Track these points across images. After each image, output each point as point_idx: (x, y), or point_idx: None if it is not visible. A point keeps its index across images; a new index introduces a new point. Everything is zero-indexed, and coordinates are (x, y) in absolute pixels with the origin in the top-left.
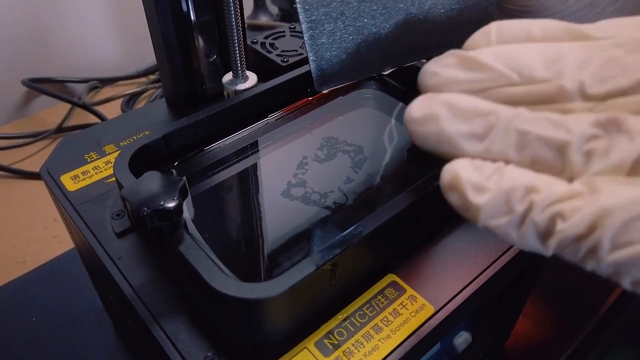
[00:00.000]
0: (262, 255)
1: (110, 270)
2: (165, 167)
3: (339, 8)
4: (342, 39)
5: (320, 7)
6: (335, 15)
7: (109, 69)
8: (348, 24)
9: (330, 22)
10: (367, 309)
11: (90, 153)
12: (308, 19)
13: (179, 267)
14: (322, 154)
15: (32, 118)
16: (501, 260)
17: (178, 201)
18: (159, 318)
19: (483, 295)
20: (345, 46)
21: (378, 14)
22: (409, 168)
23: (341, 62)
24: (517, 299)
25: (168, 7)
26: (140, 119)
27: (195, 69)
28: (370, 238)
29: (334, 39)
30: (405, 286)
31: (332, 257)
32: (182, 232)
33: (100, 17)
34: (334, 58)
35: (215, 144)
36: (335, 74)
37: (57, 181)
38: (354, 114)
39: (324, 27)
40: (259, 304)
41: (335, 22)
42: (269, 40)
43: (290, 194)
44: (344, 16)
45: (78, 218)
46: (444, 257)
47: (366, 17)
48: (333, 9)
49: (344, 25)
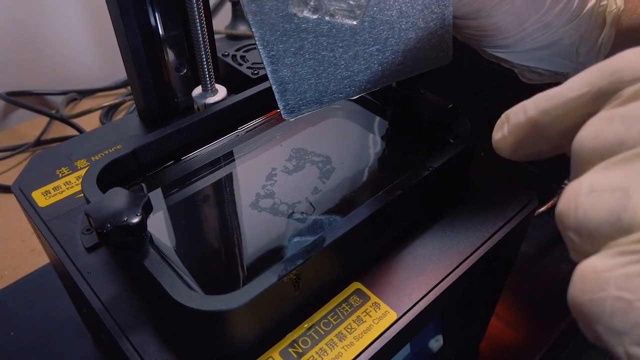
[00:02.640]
0: (230, 267)
1: (80, 285)
2: (135, 181)
3: (297, 43)
4: (303, 71)
5: (278, 43)
6: (294, 50)
7: (88, 81)
8: (308, 57)
9: (290, 56)
10: (331, 317)
11: (62, 168)
12: (268, 54)
13: (145, 281)
14: (291, 165)
15: (11, 131)
16: (464, 265)
17: (141, 217)
18: (127, 332)
19: (447, 300)
20: (307, 78)
21: (336, 46)
22: (375, 177)
23: (304, 92)
24: (486, 301)
25: (135, 22)
26: (112, 133)
27: (166, 83)
28: (332, 248)
29: (295, 72)
30: (370, 293)
31: (293, 268)
32: (147, 246)
33: (79, 29)
34: (297, 89)
35: (185, 158)
36: (301, 103)
37: (29, 197)
38: (324, 125)
39: (284, 61)
40: (221, 316)
41: (295, 56)
42: (240, 53)
43: (259, 205)
44: (303, 50)
45: (49, 233)
46: (409, 263)
47: (325, 50)
48: (291, 44)
49: (303, 59)
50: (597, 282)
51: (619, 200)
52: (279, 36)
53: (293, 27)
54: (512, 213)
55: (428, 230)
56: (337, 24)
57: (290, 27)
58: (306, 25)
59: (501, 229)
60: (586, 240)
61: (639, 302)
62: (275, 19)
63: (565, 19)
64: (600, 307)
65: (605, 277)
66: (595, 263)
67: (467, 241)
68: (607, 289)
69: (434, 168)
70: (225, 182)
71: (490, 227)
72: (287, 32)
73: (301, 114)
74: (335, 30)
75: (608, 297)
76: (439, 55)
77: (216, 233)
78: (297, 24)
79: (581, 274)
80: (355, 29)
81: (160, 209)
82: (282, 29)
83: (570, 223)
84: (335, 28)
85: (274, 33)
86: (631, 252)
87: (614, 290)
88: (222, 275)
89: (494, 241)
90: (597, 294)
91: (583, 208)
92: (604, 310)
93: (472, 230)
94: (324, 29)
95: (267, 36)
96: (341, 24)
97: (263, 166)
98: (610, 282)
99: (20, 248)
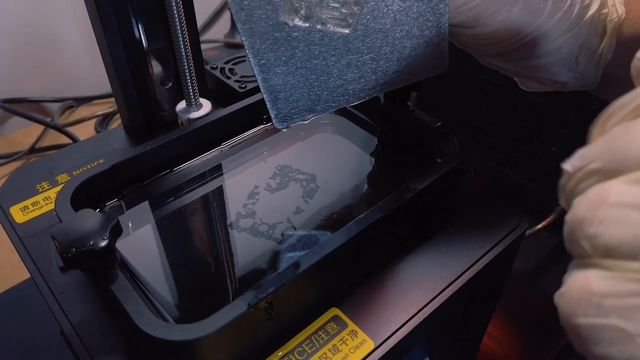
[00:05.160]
0: (205, 292)
1: (51, 305)
2: (114, 198)
3: (288, 52)
4: (294, 80)
5: (269, 52)
6: (285, 59)
7: (86, 88)
8: (299, 65)
9: (281, 64)
10: (306, 346)
11: (43, 183)
12: (258, 63)
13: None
14: (274, 183)
15: (6, 139)
16: (448, 290)
17: (108, 241)
18: (95, 356)
19: (430, 326)
20: (299, 86)
21: (329, 55)
22: (360, 198)
23: (296, 101)
24: (476, 322)
25: (118, 34)
26: (96, 146)
27: (151, 97)
28: (308, 274)
29: (286, 80)
30: (348, 320)
31: (265, 296)
32: (116, 270)
33: (78, 36)
34: (289, 97)
35: (166, 174)
36: (293, 112)
37: (6, 212)
38: (311, 140)
39: (275, 70)
40: (186, 346)
41: (286, 64)
42: (229, 66)
43: (239, 225)
44: (294, 59)
45: (23, 251)
46: (390, 288)
47: (316, 59)
48: (282, 53)
49: (295, 67)
50: (599, 308)
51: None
52: (270, 45)
53: (284, 35)
54: (500, 236)
55: (412, 254)
56: (329, 32)
57: (280, 36)
58: (297, 33)
59: (488, 253)
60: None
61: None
62: (265, 28)
63: (565, 28)
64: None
65: (608, 304)
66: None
67: (452, 265)
68: (609, 317)
69: (418, 190)
70: (206, 200)
71: (477, 250)
72: (278, 40)
73: (293, 123)
74: (328, 38)
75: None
76: (434, 63)
77: (193, 255)
78: (287, 32)
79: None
80: (348, 37)
81: (137, 228)
82: (273, 37)
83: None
84: (328, 36)
85: (264, 42)
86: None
87: (616, 319)
88: (196, 300)
89: (480, 265)
90: (597, 319)
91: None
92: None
93: (457, 254)
94: (315, 38)
95: (257, 45)
96: (333, 32)
97: (245, 184)
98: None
99: (9, 259)
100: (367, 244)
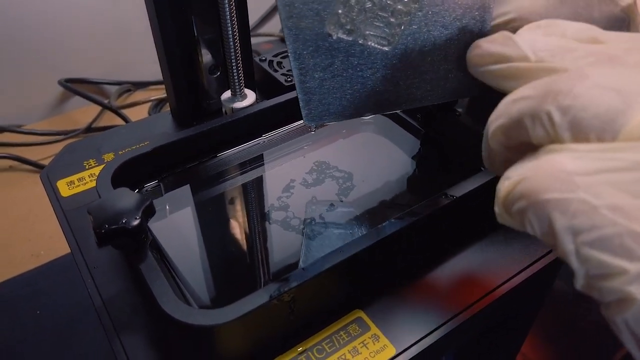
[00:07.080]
0: (231, 280)
1: (85, 278)
2: (154, 180)
3: (328, 60)
4: (330, 85)
5: (310, 58)
6: (324, 66)
7: (144, 74)
8: (337, 73)
9: (319, 70)
10: (326, 344)
11: (90, 160)
12: (298, 66)
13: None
14: (311, 179)
15: (65, 116)
16: (479, 304)
17: (139, 221)
18: (120, 331)
19: (457, 339)
20: (333, 92)
21: (366, 67)
22: (395, 201)
23: (328, 104)
24: (509, 340)
25: (171, 23)
26: (144, 129)
27: (199, 84)
28: (333, 272)
29: (322, 85)
30: (371, 324)
31: (287, 290)
32: (147, 250)
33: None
34: (322, 100)
35: (205, 161)
36: (323, 113)
37: (54, 186)
38: (352, 139)
39: (313, 75)
40: (206, 331)
41: (324, 71)
42: (277, 59)
43: (271, 217)
44: (332, 67)
45: (65, 223)
46: (418, 296)
47: (353, 69)
48: (322, 60)
49: (332, 74)
50: (568, 184)
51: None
52: (311, 52)
53: (326, 45)
54: (540, 253)
55: (444, 263)
56: (369, 47)
57: (323, 45)
58: (339, 45)
59: (526, 269)
60: (568, 126)
61: (604, 209)
62: (310, 36)
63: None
64: (565, 206)
65: (577, 181)
66: (567, 163)
67: (486, 279)
68: (576, 192)
69: (456, 197)
70: (241, 190)
71: (514, 265)
72: (320, 48)
73: (322, 122)
74: (367, 52)
75: (575, 199)
76: (467, 87)
77: (223, 242)
78: (330, 42)
79: (550, 172)
80: (386, 53)
81: (174, 211)
82: (315, 45)
83: (564, 102)
84: (367, 51)
85: (306, 48)
86: (609, 159)
87: (583, 193)
88: (223, 288)
89: (515, 282)
90: (566, 194)
91: (586, 96)
92: (569, 209)
93: (493, 268)
94: (356, 50)
95: (300, 50)
96: (374, 48)
97: (282, 177)
98: (581, 186)
99: (57, 230)
100: (397, 248)
